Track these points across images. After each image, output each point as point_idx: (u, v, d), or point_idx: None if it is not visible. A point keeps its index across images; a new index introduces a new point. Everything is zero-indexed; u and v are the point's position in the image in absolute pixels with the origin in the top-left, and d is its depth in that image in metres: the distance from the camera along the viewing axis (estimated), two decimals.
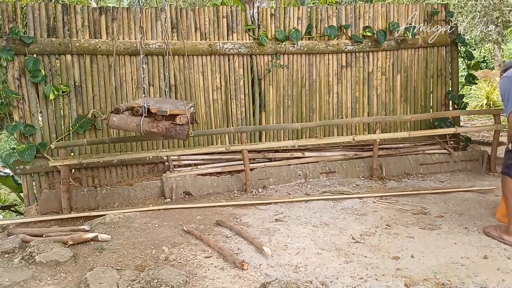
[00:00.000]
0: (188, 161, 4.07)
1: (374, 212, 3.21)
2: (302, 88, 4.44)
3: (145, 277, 2.16)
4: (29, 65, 3.63)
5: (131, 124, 2.75)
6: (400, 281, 2.19)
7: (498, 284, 2.15)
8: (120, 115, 2.76)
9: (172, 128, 2.74)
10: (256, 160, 4.15)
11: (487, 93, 9.37)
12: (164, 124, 2.75)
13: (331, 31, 4.35)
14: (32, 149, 3.68)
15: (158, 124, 2.75)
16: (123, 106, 2.79)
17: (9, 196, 7.09)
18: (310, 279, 2.23)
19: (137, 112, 2.76)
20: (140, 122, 2.73)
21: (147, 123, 2.74)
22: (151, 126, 2.73)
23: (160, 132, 2.76)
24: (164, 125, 2.75)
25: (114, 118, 2.74)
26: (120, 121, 2.75)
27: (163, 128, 2.75)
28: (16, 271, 2.34)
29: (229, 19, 4.20)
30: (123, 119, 2.76)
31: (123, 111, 2.78)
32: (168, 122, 2.76)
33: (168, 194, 3.75)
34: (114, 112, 2.76)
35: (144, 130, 2.74)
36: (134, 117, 2.77)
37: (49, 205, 3.63)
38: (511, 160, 2.64)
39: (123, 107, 2.78)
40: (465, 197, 3.46)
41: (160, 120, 2.75)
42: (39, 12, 3.72)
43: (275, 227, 2.97)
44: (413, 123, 4.66)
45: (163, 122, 2.76)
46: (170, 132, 2.75)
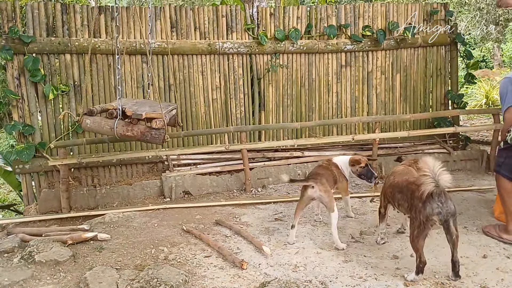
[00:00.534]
0: (187, 160, 4.07)
1: (374, 211, 3.21)
2: (301, 87, 4.44)
3: (145, 276, 2.16)
4: (29, 65, 3.62)
5: (104, 127, 2.65)
6: (400, 280, 2.19)
7: (497, 283, 2.15)
8: (93, 117, 2.66)
9: (147, 132, 2.62)
10: (255, 160, 4.14)
11: (487, 93, 9.37)
12: (139, 128, 2.64)
13: (331, 30, 4.34)
14: (31, 149, 3.67)
15: (133, 128, 2.63)
16: (97, 108, 2.70)
17: (8, 196, 7.08)
18: (310, 278, 2.23)
19: (112, 115, 2.65)
20: (114, 125, 2.62)
21: (121, 126, 2.63)
22: (125, 130, 2.62)
23: (135, 136, 2.64)
24: (139, 129, 2.63)
25: (87, 120, 2.65)
26: (94, 123, 2.65)
27: (138, 132, 2.63)
28: (16, 270, 2.34)
29: (229, 18, 4.20)
30: (97, 121, 2.66)
31: (97, 113, 2.68)
32: (143, 126, 2.64)
33: (168, 193, 3.74)
34: (87, 114, 2.67)
35: (118, 133, 2.63)
36: (108, 119, 2.66)
37: (48, 205, 3.63)
38: (502, 158, 2.67)
39: (97, 109, 2.69)
40: (464, 197, 3.46)
41: (136, 124, 2.63)
42: (38, 11, 3.71)
43: (274, 226, 2.97)
44: (413, 123, 4.66)
45: (138, 125, 2.64)
46: (145, 136, 2.63)
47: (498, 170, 2.68)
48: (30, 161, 3.71)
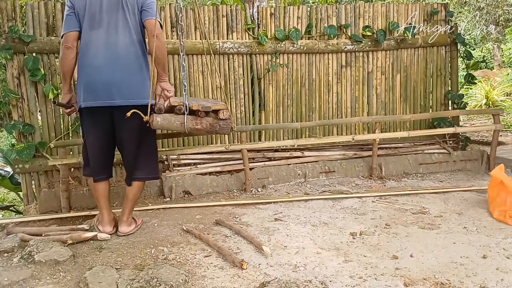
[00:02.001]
0: (187, 160, 4.07)
1: (374, 211, 3.22)
2: (301, 87, 4.44)
3: (145, 276, 2.16)
4: (29, 64, 3.62)
5: (175, 123, 2.72)
6: (399, 280, 2.19)
7: (497, 283, 2.15)
8: (163, 115, 2.72)
9: (216, 123, 2.75)
10: (255, 160, 4.15)
11: (487, 93, 9.38)
12: (208, 120, 2.75)
13: (331, 30, 4.35)
14: (30, 149, 3.67)
15: (202, 121, 2.74)
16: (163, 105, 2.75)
17: (8, 195, 7.09)
18: (310, 278, 2.23)
19: (180, 110, 2.72)
20: (184, 120, 2.71)
21: (190, 120, 2.73)
22: (195, 123, 2.73)
23: (205, 128, 2.75)
24: (208, 121, 2.75)
25: (158, 118, 2.70)
26: (164, 120, 2.71)
27: (207, 124, 2.75)
28: (15, 270, 2.34)
29: (229, 18, 4.20)
30: (167, 118, 2.72)
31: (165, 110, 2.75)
32: (211, 118, 2.76)
33: (168, 193, 3.74)
34: (156, 112, 2.71)
35: (189, 127, 2.71)
36: (178, 115, 2.73)
37: (48, 204, 3.63)
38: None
39: (164, 106, 2.74)
40: (464, 197, 3.46)
41: (203, 117, 2.74)
42: (38, 10, 3.71)
43: (274, 226, 2.97)
44: (413, 123, 4.67)
45: (206, 118, 2.75)
46: (214, 128, 2.76)
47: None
48: (30, 161, 3.71)
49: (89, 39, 2.67)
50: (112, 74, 2.65)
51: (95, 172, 2.83)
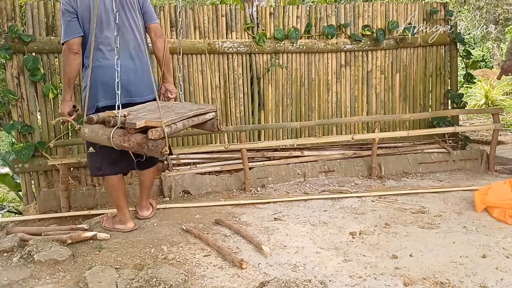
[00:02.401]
0: (187, 160, 4.07)
1: (373, 211, 3.22)
2: (301, 87, 4.44)
3: (144, 276, 2.16)
4: (28, 64, 3.62)
5: (102, 137, 2.38)
6: (399, 280, 2.19)
7: (497, 283, 2.16)
8: (92, 126, 2.42)
9: (144, 143, 2.30)
10: (255, 159, 4.14)
11: (486, 92, 9.38)
12: (136, 138, 2.31)
13: (330, 30, 4.34)
14: (29, 149, 3.67)
15: (130, 138, 2.32)
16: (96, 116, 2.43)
17: (7, 195, 7.09)
18: (309, 278, 2.23)
19: (109, 123, 2.36)
20: (111, 134, 2.33)
21: (118, 136, 2.33)
22: (122, 140, 2.33)
23: (132, 147, 2.33)
24: (136, 140, 2.31)
25: (85, 129, 2.43)
26: (92, 132, 2.41)
27: (135, 143, 2.31)
28: (15, 270, 2.34)
29: (228, 17, 4.20)
30: (95, 130, 2.41)
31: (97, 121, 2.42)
32: (140, 136, 2.32)
33: (167, 193, 3.74)
34: (87, 122, 2.44)
35: (116, 144, 2.35)
36: (106, 128, 2.39)
37: (47, 204, 3.63)
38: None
39: (96, 117, 2.43)
40: (464, 196, 3.46)
41: (133, 134, 2.31)
42: (38, 10, 3.71)
43: (274, 226, 2.97)
44: (412, 122, 4.67)
45: (136, 136, 2.32)
46: (142, 148, 2.31)
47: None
48: (29, 161, 3.71)
49: (99, 40, 2.69)
50: (129, 72, 2.69)
51: (113, 167, 2.85)
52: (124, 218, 2.93)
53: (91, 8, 2.67)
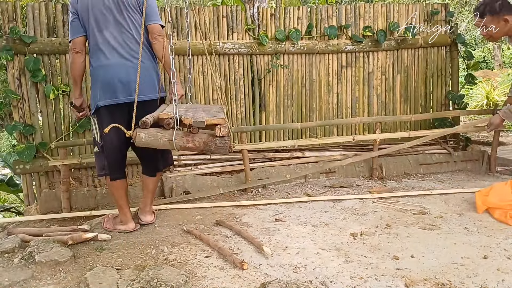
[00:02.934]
0: (188, 161, 4.07)
1: (374, 212, 3.22)
2: (302, 88, 4.44)
3: (145, 276, 2.16)
4: (29, 65, 3.62)
5: (162, 140, 2.33)
6: (400, 281, 2.19)
7: (498, 284, 2.15)
8: (148, 130, 2.35)
9: (211, 141, 2.30)
10: (256, 160, 4.15)
11: (487, 93, 9.38)
12: (201, 137, 2.30)
13: (331, 31, 4.35)
14: (31, 149, 3.68)
15: (194, 138, 2.31)
16: (150, 119, 2.37)
17: (9, 196, 7.10)
18: (310, 279, 2.23)
19: (168, 125, 2.33)
20: (172, 136, 2.31)
21: (180, 137, 2.31)
22: (186, 141, 2.31)
23: (197, 147, 2.32)
24: (202, 139, 2.30)
25: (141, 134, 2.34)
26: (149, 136, 2.34)
27: (201, 142, 2.30)
28: (16, 270, 2.34)
29: (229, 18, 4.20)
30: (152, 134, 2.34)
31: (151, 124, 2.37)
32: (205, 135, 2.32)
33: (168, 193, 3.75)
34: (141, 127, 2.36)
35: (178, 145, 2.32)
36: (165, 131, 2.35)
37: (48, 205, 3.63)
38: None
39: (150, 120, 2.37)
40: (465, 197, 3.46)
41: (196, 133, 2.31)
42: (39, 11, 3.72)
43: (275, 227, 2.97)
44: (413, 123, 4.66)
45: (200, 134, 2.31)
46: (209, 147, 2.31)
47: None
48: (30, 161, 3.72)
49: (99, 40, 2.70)
50: (128, 71, 2.69)
51: (116, 171, 2.87)
52: (125, 218, 2.94)
53: (90, 9, 2.68)
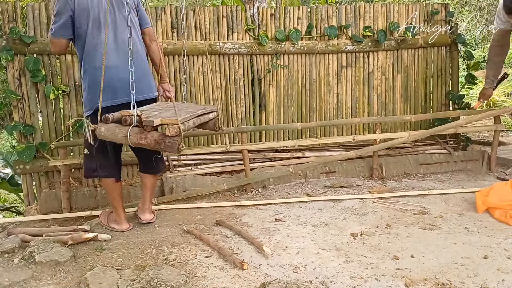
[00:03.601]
0: (188, 161, 4.07)
1: (374, 212, 3.22)
2: (302, 88, 4.44)
3: (145, 276, 2.16)
4: (29, 65, 3.62)
5: (119, 135, 2.47)
6: (400, 281, 2.19)
7: (498, 284, 2.15)
8: (108, 125, 2.50)
9: (161, 140, 2.41)
10: (256, 160, 4.14)
11: None
12: (153, 136, 2.43)
13: (331, 31, 4.34)
14: (31, 149, 3.68)
15: (147, 135, 2.43)
16: (114, 115, 2.53)
17: (9, 196, 7.09)
18: (310, 279, 2.23)
19: (125, 122, 2.47)
20: (127, 132, 2.44)
21: (135, 133, 2.45)
22: (139, 137, 2.44)
23: (149, 144, 2.44)
24: (153, 137, 2.43)
25: (101, 129, 2.49)
26: (108, 131, 2.49)
27: (151, 139, 2.42)
28: (16, 270, 2.34)
29: (229, 19, 4.20)
30: (111, 129, 2.49)
31: (113, 120, 2.52)
32: (157, 134, 2.45)
33: (168, 193, 3.74)
34: (103, 121, 2.51)
35: (133, 141, 2.45)
36: (122, 127, 2.48)
37: (49, 205, 3.63)
38: None
39: (114, 116, 2.52)
40: (465, 197, 3.46)
41: (150, 131, 2.43)
42: (39, 12, 3.72)
43: (275, 227, 2.97)
44: (413, 123, 4.66)
45: (153, 133, 2.44)
46: (159, 145, 2.42)
47: None
48: (31, 162, 3.72)
49: (97, 41, 2.69)
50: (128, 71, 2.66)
51: (115, 171, 2.91)
52: (119, 219, 2.96)
53: (89, 9, 2.67)
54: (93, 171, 2.88)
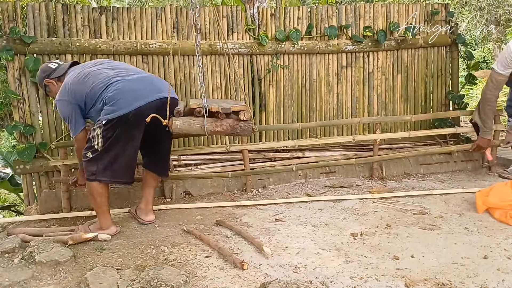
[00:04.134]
0: (188, 161, 4.07)
1: (374, 212, 3.22)
2: (302, 88, 4.44)
3: (145, 277, 2.16)
4: (30, 65, 3.62)
5: (194, 126, 2.72)
6: (400, 281, 2.19)
7: (498, 284, 2.15)
8: (182, 118, 2.73)
9: (236, 125, 2.71)
10: (256, 160, 4.14)
11: None
12: (228, 122, 2.72)
13: (331, 31, 4.34)
14: (31, 149, 3.67)
15: (222, 123, 2.72)
16: (182, 109, 2.78)
17: (9, 196, 7.10)
18: (310, 279, 2.23)
19: (199, 113, 2.73)
20: (203, 122, 2.70)
21: (210, 123, 2.72)
22: (215, 126, 2.71)
23: (225, 130, 2.73)
24: (228, 123, 2.72)
25: (177, 122, 2.70)
26: (183, 124, 2.71)
27: (227, 126, 2.72)
28: (16, 270, 2.34)
29: (229, 19, 4.20)
30: (186, 121, 2.72)
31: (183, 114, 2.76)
32: (231, 120, 2.73)
33: (168, 193, 3.75)
34: (176, 116, 2.73)
35: (209, 130, 2.71)
36: (197, 118, 2.73)
37: (49, 205, 3.63)
38: None
39: (182, 110, 2.77)
40: (465, 197, 3.46)
41: (223, 119, 2.72)
42: (39, 11, 3.72)
43: (275, 227, 2.97)
44: (413, 123, 4.66)
45: (227, 120, 2.73)
46: (235, 130, 2.72)
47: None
48: (31, 162, 3.71)
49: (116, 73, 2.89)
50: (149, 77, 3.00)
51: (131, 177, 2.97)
52: (108, 223, 2.91)
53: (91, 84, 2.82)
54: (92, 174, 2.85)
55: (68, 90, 2.85)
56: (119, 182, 2.96)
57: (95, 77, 2.84)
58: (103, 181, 2.86)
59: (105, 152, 2.78)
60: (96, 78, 2.84)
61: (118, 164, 2.82)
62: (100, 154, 2.79)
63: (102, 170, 2.81)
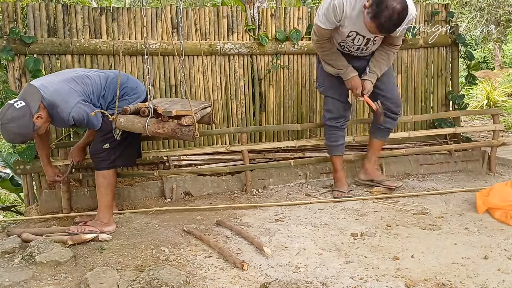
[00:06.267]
0: (188, 161, 4.07)
1: (375, 212, 3.22)
2: (302, 88, 4.44)
3: (145, 277, 2.16)
4: (30, 65, 3.62)
5: (137, 125, 2.76)
6: (401, 281, 2.19)
7: (498, 284, 2.15)
8: (127, 116, 2.79)
9: (177, 129, 2.72)
10: (256, 160, 4.14)
11: (488, 94, 9.39)
12: (170, 125, 2.74)
13: None
14: (32, 149, 3.67)
15: (164, 125, 2.74)
16: (131, 107, 2.84)
17: (9, 196, 7.09)
18: (311, 279, 2.23)
19: (144, 113, 2.78)
20: (146, 122, 2.74)
21: (153, 123, 2.75)
22: (157, 127, 2.74)
23: (166, 133, 2.75)
24: (170, 126, 2.74)
25: (121, 119, 2.77)
26: (127, 121, 2.77)
27: (169, 129, 2.73)
28: (16, 271, 2.34)
29: (230, 19, 4.20)
30: (130, 119, 2.78)
31: (130, 112, 2.81)
32: (174, 123, 2.75)
33: (168, 194, 3.75)
34: (121, 113, 2.79)
35: (150, 130, 2.75)
36: (141, 117, 2.79)
37: (49, 205, 3.63)
38: None
39: (131, 108, 2.82)
40: (465, 198, 3.46)
41: (166, 121, 2.74)
42: (39, 12, 3.72)
43: (275, 227, 2.97)
44: (413, 123, 4.66)
45: (169, 123, 2.75)
46: (175, 133, 2.73)
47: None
48: (31, 162, 3.71)
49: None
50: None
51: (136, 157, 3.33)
52: (111, 218, 3.02)
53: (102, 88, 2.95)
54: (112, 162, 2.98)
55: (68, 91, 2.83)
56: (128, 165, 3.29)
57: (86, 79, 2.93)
58: (118, 166, 3.07)
59: (123, 139, 2.95)
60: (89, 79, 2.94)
61: (131, 148, 3.08)
62: (119, 142, 2.94)
63: (119, 155, 2.98)
